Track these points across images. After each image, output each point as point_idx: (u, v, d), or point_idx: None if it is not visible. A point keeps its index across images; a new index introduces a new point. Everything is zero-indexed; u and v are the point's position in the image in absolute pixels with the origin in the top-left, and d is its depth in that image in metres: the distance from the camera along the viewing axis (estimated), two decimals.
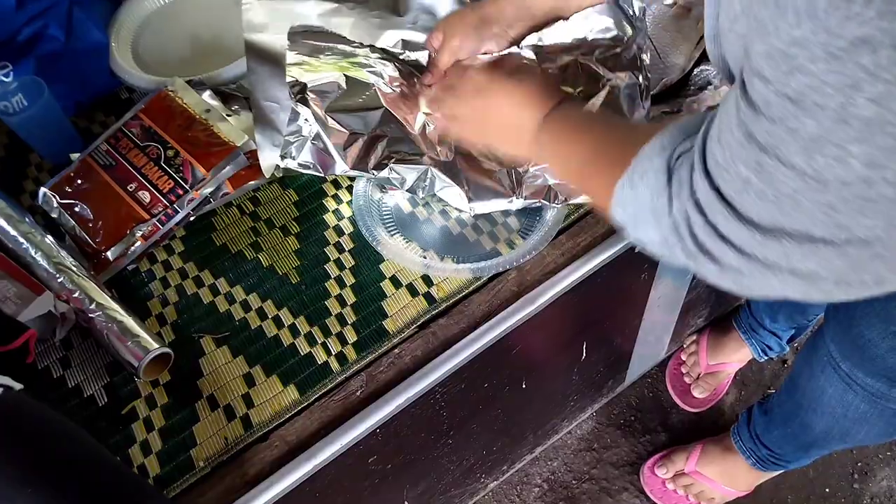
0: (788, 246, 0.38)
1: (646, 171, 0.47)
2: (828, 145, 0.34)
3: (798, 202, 0.36)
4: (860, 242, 0.36)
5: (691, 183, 0.43)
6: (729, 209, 0.40)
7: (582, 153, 0.59)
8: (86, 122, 0.94)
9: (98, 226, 0.80)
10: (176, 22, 1.02)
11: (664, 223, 0.45)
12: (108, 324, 0.72)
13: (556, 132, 0.62)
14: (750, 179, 0.38)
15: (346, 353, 0.74)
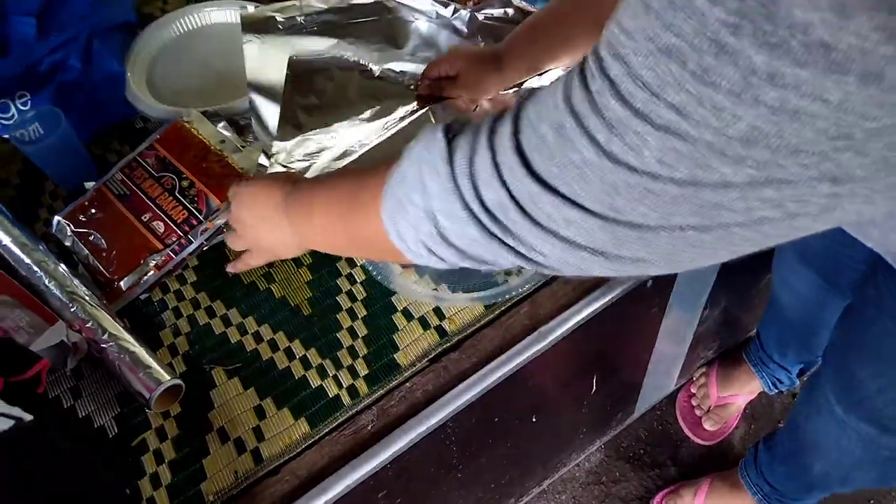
0: (557, 207, 0.38)
1: (419, 138, 0.45)
2: (629, 132, 0.33)
3: (583, 174, 0.36)
4: (629, 224, 0.36)
5: (492, 131, 0.41)
6: (522, 163, 0.39)
7: (333, 200, 0.56)
8: (101, 149, 0.95)
9: (112, 255, 0.81)
10: (191, 53, 1.04)
11: (441, 172, 0.42)
12: (120, 354, 0.72)
13: (301, 203, 0.60)
14: (548, 139, 0.37)
15: (358, 386, 0.74)
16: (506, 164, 0.40)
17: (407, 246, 0.47)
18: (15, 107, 0.88)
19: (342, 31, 0.91)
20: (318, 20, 0.91)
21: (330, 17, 0.92)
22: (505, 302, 0.77)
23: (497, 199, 0.40)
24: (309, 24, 0.90)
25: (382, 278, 0.79)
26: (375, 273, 0.80)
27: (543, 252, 0.41)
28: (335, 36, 0.90)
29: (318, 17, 0.91)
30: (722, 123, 0.30)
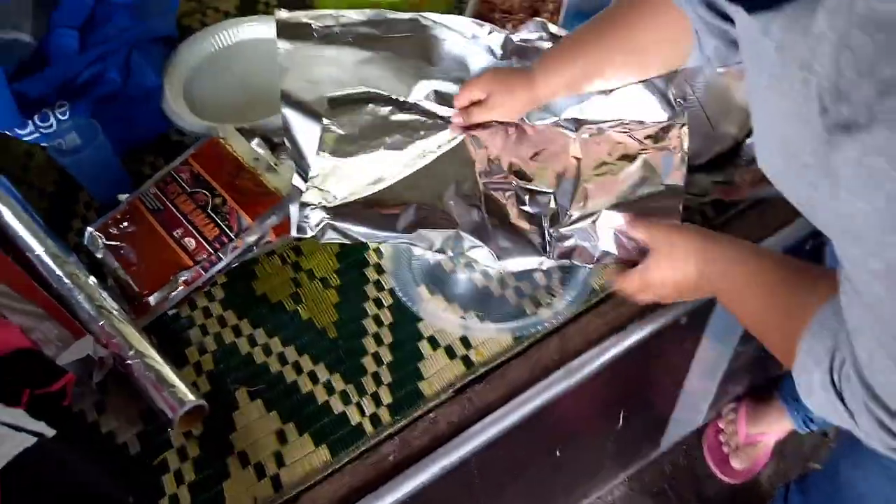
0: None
1: (812, 386, 0.51)
2: None
3: None
4: None
5: (867, 408, 0.46)
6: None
7: (743, 304, 0.62)
8: (136, 163, 0.95)
9: (141, 269, 0.81)
10: (228, 68, 1.04)
11: (848, 423, 0.49)
12: (145, 371, 0.72)
13: (716, 287, 0.64)
14: None
15: (381, 414, 0.72)
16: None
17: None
18: (54, 116, 0.89)
19: (377, 44, 0.90)
20: (354, 31, 0.90)
21: (366, 30, 0.91)
22: (534, 334, 0.76)
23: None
24: (344, 35, 0.89)
25: (410, 301, 0.78)
26: (403, 296, 0.79)
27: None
28: (370, 49, 0.90)
29: (354, 28, 0.91)
30: None
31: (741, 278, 0.61)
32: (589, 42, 0.76)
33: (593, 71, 0.77)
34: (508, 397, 0.73)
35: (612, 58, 0.75)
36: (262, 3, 1.15)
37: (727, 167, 0.84)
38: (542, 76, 0.78)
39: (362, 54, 0.90)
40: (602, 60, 0.75)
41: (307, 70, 0.86)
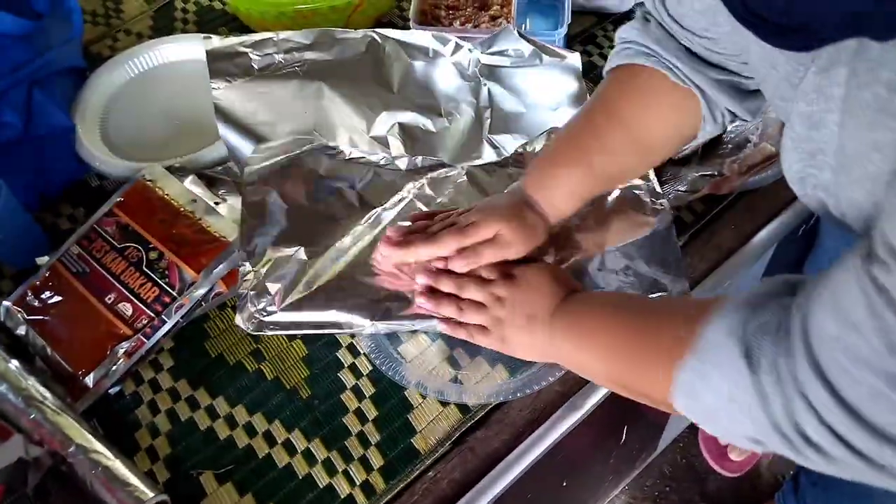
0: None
1: (719, 361, 0.42)
2: None
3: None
4: None
5: (794, 375, 0.38)
6: (852, 417, 0.35)
7: (607, 335, 0.55)
8: (51, 216, 0.83)
9: (73, 345, 0.70)
10: (148, 97, 0.92)
11: (760, 420, 0.40)
12: (91, 469, 0.61)
13: (572, 319, 0.59)
14: (883, 391, 0.34)
15: (373, 481, 0.64)
16: (841, 425, 0.36)
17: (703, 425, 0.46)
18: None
19: (328, 73, 0.81)
20: (300, 58, 0.80)
21: (312, 55, 0.81)
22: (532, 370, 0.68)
23: (837, 452, 0.37)
24: (289, 64, 0.80)
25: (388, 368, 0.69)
26: (377, 359, 0.70)
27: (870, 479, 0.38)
28: (320, 79, 0.80)
29: (300, 54, 0.81)
30: None
31: (602, 308, 0.59)
32: (593, 150, 0.65)
33: (608, 183, 0.70)
34: (513, 442, 0.66)
35: (626, 162, 0.67)
36: (178, 20, 1.03)
37: (713, 158, 0.78)
38: (548, 205, 0.66)
39: (310, 87, 0.80)
40: (614, 168, 0.66)
41: (247, 114, 0.77)
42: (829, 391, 0.36)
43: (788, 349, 0.39)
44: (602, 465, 0.98)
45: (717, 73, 0.60)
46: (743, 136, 0.79)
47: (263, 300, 0.67)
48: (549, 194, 0.66)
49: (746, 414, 0.41)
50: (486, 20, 0.92)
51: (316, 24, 0.90)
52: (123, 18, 1.04)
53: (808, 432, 0.38)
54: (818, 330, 0.37)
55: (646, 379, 0.51)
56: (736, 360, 0.41)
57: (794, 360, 0.38)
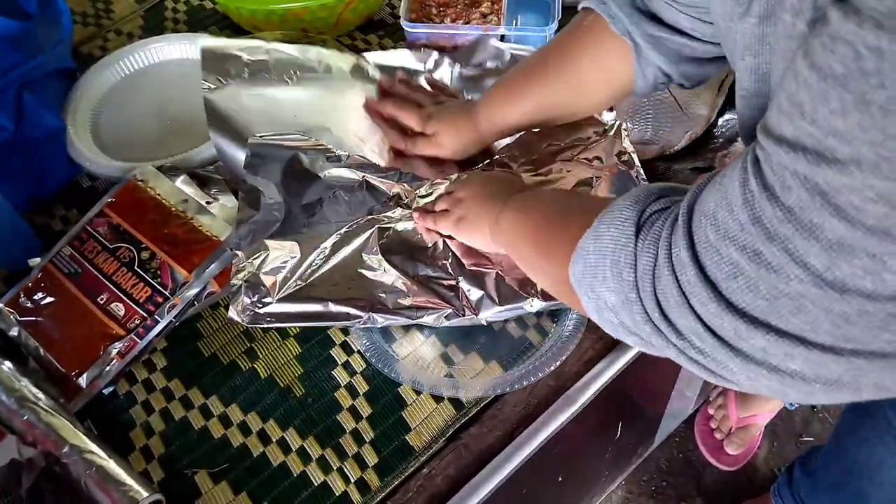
0: (774, 343, 0.32)
1: (613, 220, 0.42)
2: (859, 254, 0.28)
3: (801, 305, 0.31)
4: (871, 354, 0.31)
5: (668, 246, 0.37)
6: (710, 289, 0.34)
7: (539, 220, 0.56)
8: (44, 218, 0.83)
9: (66, 346, 0.69)
10: (139, 97, 0.92)
11: (625, 280, 0.40)
12: (86, 469, 0.61)
13: (517, 207, 0.60)
14: (742, 267, 0.32)
15: (368, 478, 0.64)
16: (695, 295, 0.35)
17: (590, 313, 0.46)
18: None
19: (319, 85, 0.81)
20: (291, 67, 0.81)
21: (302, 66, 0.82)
22: (526, 363, 0.68)
23: (691, 328, 0.35)
24: (280, 72, 0.80)
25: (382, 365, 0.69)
26: (372, 356, 0.70)
27: (742, 379, 0.35)
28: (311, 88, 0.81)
29: (290, 64, 0.81)
30: None
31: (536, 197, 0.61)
32: (534, 79, 0.71)
33: (538, 111, 0.72)
34: (507, 437, 0.66)
35: (557, 95, 0.70)
36: (169, 20, 1.03)
37: (704, 152, 0.78)
38: (485, 117, 0.73)
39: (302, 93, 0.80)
40: (547, 98, 0.71)
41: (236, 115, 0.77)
42: (694, 261, 0.35)
43: (673, 222, 0.38)
44: (598, 459, 0.98)
45: (656, 29, 0.61)
46: (733, 130, 0.79)
47: (257, 292, 0.67)
48: (491, 113, 0.72)
49: (617, 274, 0.40)
50: (476, 17, 0.92)
51: (306, 23, 0.90)
52: (114, 19, 1.04)
53: (665, 297, 0.37)
54: (700, 206, 0.36)
55: (558, 256, 0.49)
56: (627, 224, 0.41)
57: (673, 231, 0.37)
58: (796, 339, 0.32)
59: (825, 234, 0.28)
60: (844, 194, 0.27)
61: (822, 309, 0.30)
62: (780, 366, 0.33)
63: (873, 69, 0.25)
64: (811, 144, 0.28)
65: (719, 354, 0.35)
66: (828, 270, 0.29)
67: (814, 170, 0.28)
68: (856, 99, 0.26)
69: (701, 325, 0.35)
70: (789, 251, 0.30)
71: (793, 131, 0.29)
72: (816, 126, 0.28)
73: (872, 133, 0.25)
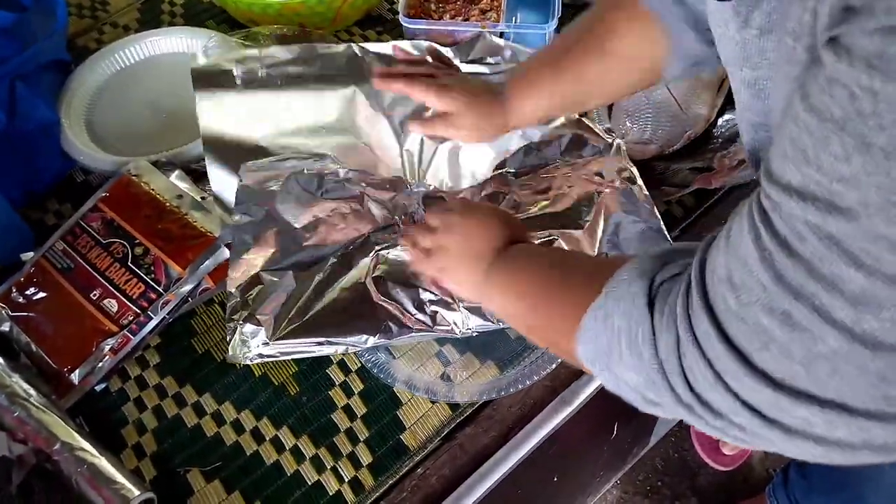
0: (815, 413, 0.31)
1: (621, 297, 0.40)
2: (885, 305, 0.26)
3: (836, 367, 0.29)
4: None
5: (688, 319, 0.35)
6: (742, 362, 0.32)
7: (535, 284, 0.53)
8: (37, 212, 0.82)
9: (59, 342, 0.69)
10: (134, 91, 0.91)
11: (647, 360, 0.37)
12: (77, 466, 0.61)
13: (507, 265, 0.56)
14: (773, 333, 0.30)
15: (362, 478, 0.63)
16: (726, 370, 0.33)
17: (608, 387, 0.44)
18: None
19: (311, 85, 0.80)
20: (283, 72, 0.80)
21: (295, 70, 0.81)
22: (521, 364, 0.68)
23: (726, 405, 0.33)
24: (272, 77, 0.79)
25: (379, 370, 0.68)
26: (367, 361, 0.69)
27: (787, 449, 0.34)
28: (303, 90, 0.80)
29: (282, 68, 0.80)
30: None
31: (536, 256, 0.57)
32: (565, 65, 0.66)
33: (569, 99, 0.68)
34: (502, 438, 0.65)
35: (589, 81, 0.66)
36: (166, 13, 1.02)
37: (703, 152, 0.78)
38: (517, 105, 0.68)
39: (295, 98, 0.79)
40: (580, 84, 0.66)
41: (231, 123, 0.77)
42: (719, 333, 0.33)
43: (687, 291, 0.36)
44: (593, 459, 0.98)
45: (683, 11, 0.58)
46: (733, 130, 0.79)
47: (255, 333, 0.66)
48: (523, 103, 0.68)
49: (637, 354, 0.38)
50: (476, 14, 0.91)
51: (304, 17, 0.90)
52: (110, 11, 1.03)
53: (695, 377, 0.35)
54: (711, 268, 0.34)
55: (558, 325, 0.48)
56: (638, 298, 0.39)
57: (687, 300, 0.35)
58: (838, 407, 0.30)
59: (847, 286, 0.27)
60: (858, 242, 0.26)
61: (858, 368, 0.29)
62: (825, 435, 0.31)
63: (870, 111, 0.24)
64: (819, 192, 0.27)
65: (759, 429, 0.33)
66: (856, 325, 0.27)
67: (825, 218, 0.27)
68: (856, 142, 0.25)
69: (737, 401, 0.33)
70: (816, 308, 0.28)
71: (800, 179, 0.28)
72: (822, 172, 0.27)
73: (877, 177, 0.25)
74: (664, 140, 0.78)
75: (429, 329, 0.67)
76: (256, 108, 0.78)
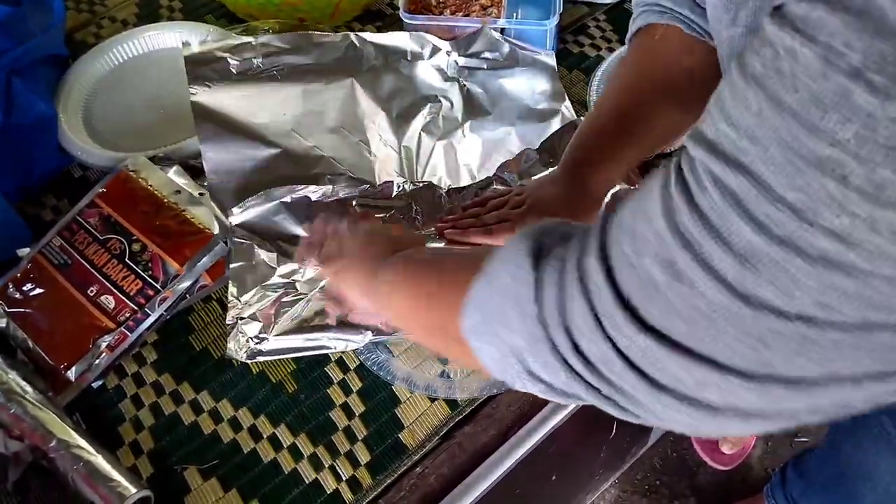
0: (687, 368, 0.30)
1: (506, 258, 0.38)
2: (768, 265, 0.26)
3: (715, 323, 0.28)
4: (785, 381, 0.29)
5: (579, 267, 0.34)
6: (626, 312, 0.31)
7: (423, 275, 0.51)
8: (34, 207, 0.82)
9: (55, 338, 0.68)
10: (132, 86, 0.90)
11: (529, 314, 0.35)
12: (73, 464, 0.60)
13: (396, 261, 0.55)
14: (657, 280, 0.30)
15: (360, 476, 0.63)
16: (607, 315, 0.31)
17: (490, 369, 0.41)
18: None
19: (308, 77, 0.80)
20: (279, 62, 0.79)
21: (292, 60, 0.80)
22: None
23: (601, 355, 0.32)
24: (268, 68, 0.79)
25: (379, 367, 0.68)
26: (366, 359, 0.69)
27: (656, 411, 0.32)
28: (300, 82, 0.79)
29: (278, 58, 0.80)
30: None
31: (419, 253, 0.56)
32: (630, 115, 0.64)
33: (652, 143, 0.67)
34: (502, 437, 0.65)
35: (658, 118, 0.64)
36: (164, 7, 1.01)
37: None
38: (595, 180, 0.65)
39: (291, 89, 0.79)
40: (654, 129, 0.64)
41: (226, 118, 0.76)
42: (609, 283, 0.32)
43: (584, 247, 0.34)
44: (592, 458, 0.98)
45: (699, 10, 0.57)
46: None
47: (254, 329, 0.66)
48: (600, 169, 0.65)
49: (519, 313, 0.36)
50: (476, 9, 0.90)
51: (303, 12, 0.89)
52: (108, 5, 1.02)
53: (575, 325, 0.33)
54: (616, 222, 0.33)
55: (446, 307, 0.45)
56: (522, 256, 0.37)
57: (585, 255, 0.34)
58: (711, 364, 0.29)
59: (735, 240, 0.26)
60: (755, 200, 0.26)
61: (736, 327, 0.28)
62: (693, 395, 0.31)
63: (788, 70, 0.24)
64: (728, 146, 0.27)
65: (629, 383, 0.32)
66: (736, 280, 0.27)
67: (727, 172, 0.26)
68: (769, 97, 0.25)
69: (613, 349, 0.32)
70: (701, 257, 0.28)
71: (714, 132, 0.27)
72: (733, 127, 0.26)
73: (783, 134, 0.25)
74: None
75: None
76: (252, 99, 0.77)
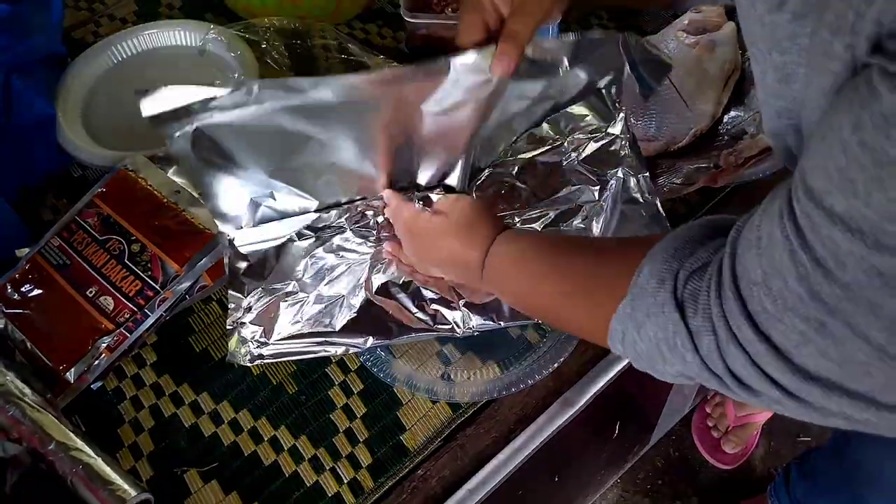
0: (847, 402, 0.34)
1: (650, 311, 0.41)
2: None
3: (869, 372, 0.31)
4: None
5: (725, 321, 0.37)
6: (781, 360, 0.34)
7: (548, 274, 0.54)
8: (33, 207, 0.81)
9: (54, 340, 0.68)
10: (132, 84, 0.88)
11: (691, 362, 0.40)
12: (72, 467, 0.60)
13: (499, 269, 0.57)
14: (810, 336, 0.32)
15: (361, 479, 0.62)
16: (770, 367, 0.35)
17: (638, 366, 0.46)
18: None
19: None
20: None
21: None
22: (522, 364, 0.67)
23: (773, 397, 0.36)
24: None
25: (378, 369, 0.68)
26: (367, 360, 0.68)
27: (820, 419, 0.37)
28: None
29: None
30: None
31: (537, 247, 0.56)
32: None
33: None
34: (504, 439, 0.64)
35: None
36: (164, 5, 1.00)
37: (709, 150, 0.76)
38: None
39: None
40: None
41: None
42: (758, 335, 0.35)
43: (719, 292, 0.37)
44: (594, 459, 0.98)
45: None
46: (739, 127, 0.78)
47: (255, 332, 0.65)
48: None
49: (679, 357, 0.40)
50: None
51: (304, 10, 0.88)
52: (107, 3, 1.01)
53: (739, 371, 0.37)
54: (745, 273, 0.35)
55: (583, 320, 0.50)
56: (668, 307, 0.40)
57: (724, 303, 0.37)
58: (869, 401, 0.33)
59: (885, 312, 0.29)
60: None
61: (888, 376, 0.31)
62: (856, 416, 0.34)
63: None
64: (866, 227, 0.27)
65: (801, 413, 0.36)
66: (889, 344, 0.29)
67: (872, 253, 0.27)
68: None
69: (783, 393, 0.35)
70: (851, 326, 0.30)
71: (845, 208, 0.28)
72: (872, 209, 0.27)
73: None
74: (669, 137, 0.77)
75: (429, 328, 0.66)
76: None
